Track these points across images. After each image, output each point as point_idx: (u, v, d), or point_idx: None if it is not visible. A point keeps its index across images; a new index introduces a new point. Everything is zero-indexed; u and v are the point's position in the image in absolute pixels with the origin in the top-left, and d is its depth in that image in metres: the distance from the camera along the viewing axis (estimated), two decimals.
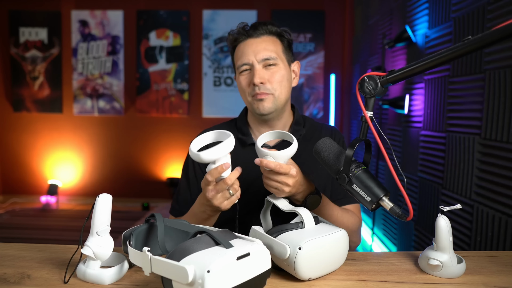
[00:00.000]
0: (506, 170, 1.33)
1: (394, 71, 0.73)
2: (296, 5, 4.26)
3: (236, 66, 1.10)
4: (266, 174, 0.86)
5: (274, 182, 0.86)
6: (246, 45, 1.06)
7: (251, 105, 1.08)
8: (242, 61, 1.06)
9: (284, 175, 0.85)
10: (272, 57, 1.05)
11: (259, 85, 1.03)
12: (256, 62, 1.04)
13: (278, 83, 1.05)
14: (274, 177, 0.85)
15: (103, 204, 0.70)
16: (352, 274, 0.77)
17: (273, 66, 1.05)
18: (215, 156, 0.81)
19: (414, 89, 2.19)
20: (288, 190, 0.86)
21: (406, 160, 2.28)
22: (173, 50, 4.33)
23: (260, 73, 1.04)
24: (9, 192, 4.56)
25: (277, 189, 0.87)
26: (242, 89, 1.09)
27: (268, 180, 0.87)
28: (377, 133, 0.72)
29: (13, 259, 0.81)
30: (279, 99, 1.06)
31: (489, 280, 0.74)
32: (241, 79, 1.08)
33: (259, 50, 1.05)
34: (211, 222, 1.00)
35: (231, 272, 0.59)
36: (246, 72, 1.07)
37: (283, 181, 0.85)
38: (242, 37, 1.08)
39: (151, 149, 4.44)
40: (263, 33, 1.07)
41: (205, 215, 0.96)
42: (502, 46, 1.37)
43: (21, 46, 4.39)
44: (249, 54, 1.05)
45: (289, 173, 0.85)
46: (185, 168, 1.18)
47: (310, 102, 4.31)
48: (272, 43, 1.07)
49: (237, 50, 1.09)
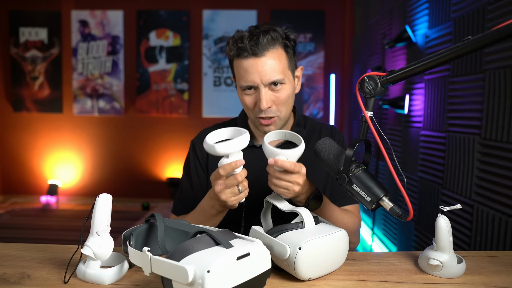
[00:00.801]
0: (506, 170, 1.33)
1: (394, 71, 0.73)
2: (296, 5, 4.26)
3: (237, 82, 1.03)
4: (277, 174, 0.84)
5: (285, 182, 0.84)
6: (250, 65, 0.97)
7: (255, 124, 1.06)
8: (246, 81, 0.99)
9: (296, 174, 0.84)
10: (279, 80, 0.98)
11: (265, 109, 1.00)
12: (262, 85, 0.98)
13: (283, 104, 1.02)
14: (286, 177, 0.84)
15: (103, 204, 0.70)
16: (352, 274, 0.77)
17: (279, 85, 1.00)
18: (230, 150, 0.82)
19: (414, 89, 2.19)
20: (298, 190, 0.85)
21: (406, 160, 2.28)
22: (173, 50, 4.33)
23: (266, 97, 0.98)
24: (9, 192, 4.56)
25: (287, 189, 0.85)
26: (246, 107, 1.04)
27: (278, 180, 0.85)
28: (377, 133, 0.72)
29: (13, 259, 0.81)
30: (284, 119, 1.05)
31: (489, 280, 0.74)
32: (245, 98, 1.02)
33: (266, 73, 0.97)
34: (218, 219, 0.98)
35: (231, 272, 0.59)
36: (250, 92, 1.01)
37: (294, 181, 0.84)
38: (244, 54, 0.97)
39: (151, 149, 4.44)
40: (266, 48, 0.97)
41: (214, 211, 0.94)
42: (502, 46, 1.37)
43: (21, 46, 4.39)
44: (254, 76, 0.97)
45: (300, 171, 0.84)
46: (187, 167, 1.17)
47: (310, 102, 4.31)
48: (278, 59, 0.98)
49: (238, 65, 1.00)
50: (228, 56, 1.03)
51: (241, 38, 0.98)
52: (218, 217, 0.98)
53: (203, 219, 0.99)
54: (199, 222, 0.99)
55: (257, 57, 0.97)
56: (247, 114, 1.09)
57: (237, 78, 1.03)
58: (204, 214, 0.98)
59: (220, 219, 0.99)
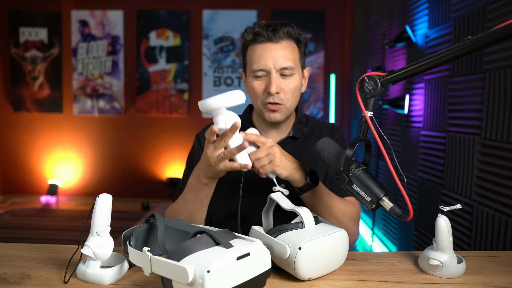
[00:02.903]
0: (506, 170, 1.33)
1: (394, 71, 0.73)
2: (296, 5, 4.26)
3: (249, 68, 1.06)
4: (252, 156, 0.89)
5: (264, 157, 0.89)
6: (265, 49, 1.02)
7: (262, 112, 1.07)
8: (258, 65, 1.02)
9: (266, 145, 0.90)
10: (291, 66, 1.02)
11: (274, 94, 1.02)
12: (274, 70, 1.01)
13: (291, 93, 1.05)
14: (259, 152, 0.89)
15: (103, 204, 0.70)
16: (352, 274, 0.77)
17: (289, 75, 1.03)
18: (221, 103, 0.83)
19: (414, 89, 2.19)
20: (278, 157, 0.90)
21: (406, 160, 2.28)
22: (173, 50, 4.33)
23: (277, 82, 1.02)
24: (9, 192, 4.56)
25: (270, 162, 0.89)
26: (255, 94, 1.06)
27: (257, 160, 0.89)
28: (377, 133, 0.72)
29: (13, 259, 0.81)
30: (290, 109, 1.07)
31: (489, 280, 0.74)
32: (254, 83, 1.05)
33: (279, 58, 1.01)
34: (205, 194, 0.97)
35: (231, 272, 0.59)
36: (261, 78, 1.04)
37: (268, 151, 0.90)
38: (261, 38, 1.02)
39: (151, 149, 4.44)
40: (282, 37, 1.02)
41: (198, 184, 0.95)
42: (502, 46, 1.37)
43: (21, 46, 4.39)
44: (267, 60, 1.01)
45: (267, 142, 0.90)
46: (190, 158, 1.19)
47: (310, 102, 4.31)
48: (291, 50, 1.03)
49: (253, 51, 1.04)
50: (244, 41, 1.08)
51: (258, 25, 1.04)
52: (204, 191, 0.97)
53: (190, 196, 0.99)
54: (186, 200, 1.00)
55: (272, 43, 1.02)
56: (254, 103, 1.11)
57: (248, 64, 1.07)
58: (191, 190, 0.98)
59: (208, 194, 0.98)
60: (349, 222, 1.03)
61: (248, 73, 1.08)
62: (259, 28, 1.03)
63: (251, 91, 1.07)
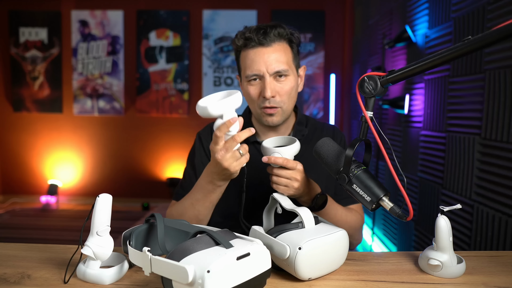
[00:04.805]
0: (506, 170, 1.33)
1: (394, 71, 0.73)
2: (296, 5, 4.26)
3: (243, 73, 1.06)
4: (275, 171, 0.88)
5: (284, 179, 0.87)
6: (257, 54, 1.02)
7: (259, 116, 1.07)
8: (252, 71, 1.02)
9: (292, 170, 0.87)
10: (284, 69, 1.02)
11: (270, 98, 1.02)
12: (268, 74, 1.01)
13: (287, 95, 1.05)
14: (283, 173, 0.87)
15: (103, 204, 0.70)
16: (352, 274, 0.77)
17: (283, 77, 1.03)
18: (222, 109, 0.81)
19: (414, 89, 2.19)
20: (297, 186, 0.88)
21: (406, 160, 2.28)
22: (173, 50, 4.33)
23: (271, 86, 1.02)
24: (9, 192, 4.56)
25: (286, 186, 0.88)
26: (251, 99, 1.06)
27: (277, 177, 0.88)
28: (377, 133, 0.72)
29: (13, 259, 0.81)
30: (287, 111, 1.07)
31: (489, 280, 0.74)
32: (249, 88, 1.05)
33: (271, 62, 1.01)
34: (216, 196, 0.96)
35: (231, 272, 0.59)
36: (255, 82, 1.04)
37: (292, 176, 0.87)
38: (252, 43, 1.02)
39: (151, 149, 4.44)
40: (273, 40, 1.02)
41: (211, 186, 0.93)
42: (502, 46, 1.37)
43: (21, 46, 4.39)
44: (260, 65, 1.01)
45: (296, 167, 0.87)
46: (191, 156, 1.19)
47: (310, 102, 4.31)
48: (283, 52, 1.03)
49: (245, 56, 1.04)
50: (235, 47, 1.07)
51: (249, 30, 1.03)
52: (215, 194, 0.96)
53: (200, 196, 0.97)
54: (195, 200, 0.98)
55: (264, 47, 1.02)
56: (251, 108, 1.11)
57: (242, 70, 1.06)
58: (202, 191, 0.96)
59: (217, 197, 0.97)
60: (354, 231, 1.04)
61: (242, 78, 1.08)
62: (249, 33, 1.02)
63: (247, 96, 1.07)
